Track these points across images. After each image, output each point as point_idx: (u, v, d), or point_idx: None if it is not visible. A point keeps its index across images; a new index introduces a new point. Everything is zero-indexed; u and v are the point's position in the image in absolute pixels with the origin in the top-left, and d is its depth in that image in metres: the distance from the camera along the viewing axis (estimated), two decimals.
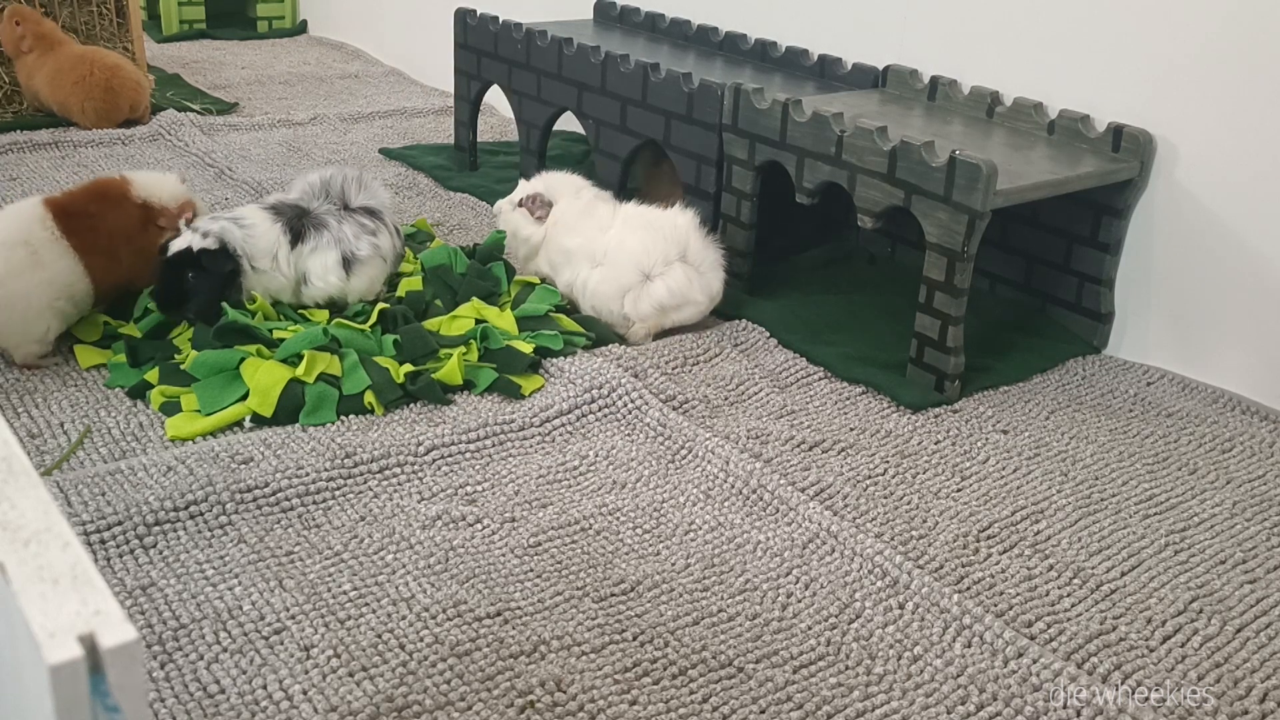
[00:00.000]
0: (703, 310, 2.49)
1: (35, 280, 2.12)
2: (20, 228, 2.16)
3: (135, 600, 1.57)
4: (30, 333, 2.14)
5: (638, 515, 1.85)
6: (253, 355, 2.12)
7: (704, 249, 2.46)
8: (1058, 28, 2.54)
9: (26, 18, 3.74)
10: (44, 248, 2.15)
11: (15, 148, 3.49)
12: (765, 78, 2.97)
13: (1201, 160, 2.34)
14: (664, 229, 2.44)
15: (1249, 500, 1.99)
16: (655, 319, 2.45)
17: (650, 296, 2.42)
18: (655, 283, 2.41)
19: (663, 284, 2.41)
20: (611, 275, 2.44)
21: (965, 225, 2.16)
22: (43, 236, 2.16)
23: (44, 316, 2.15)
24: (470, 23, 3.36)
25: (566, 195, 2.56)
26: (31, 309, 2.12)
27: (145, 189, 2.34)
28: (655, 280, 2.41)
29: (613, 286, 2.43)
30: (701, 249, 2.46)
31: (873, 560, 1.72)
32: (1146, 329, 2.49)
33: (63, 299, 2.18)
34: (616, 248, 2.44)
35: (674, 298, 2.43)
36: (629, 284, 2.42)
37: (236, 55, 5.15)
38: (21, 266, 2.11)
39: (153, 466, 1.85)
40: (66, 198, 2.27)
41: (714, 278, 2.48)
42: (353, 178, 2.44)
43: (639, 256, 2.42)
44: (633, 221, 2.48)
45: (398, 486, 1.88)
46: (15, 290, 2.10)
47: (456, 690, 1.44)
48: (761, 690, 1.48)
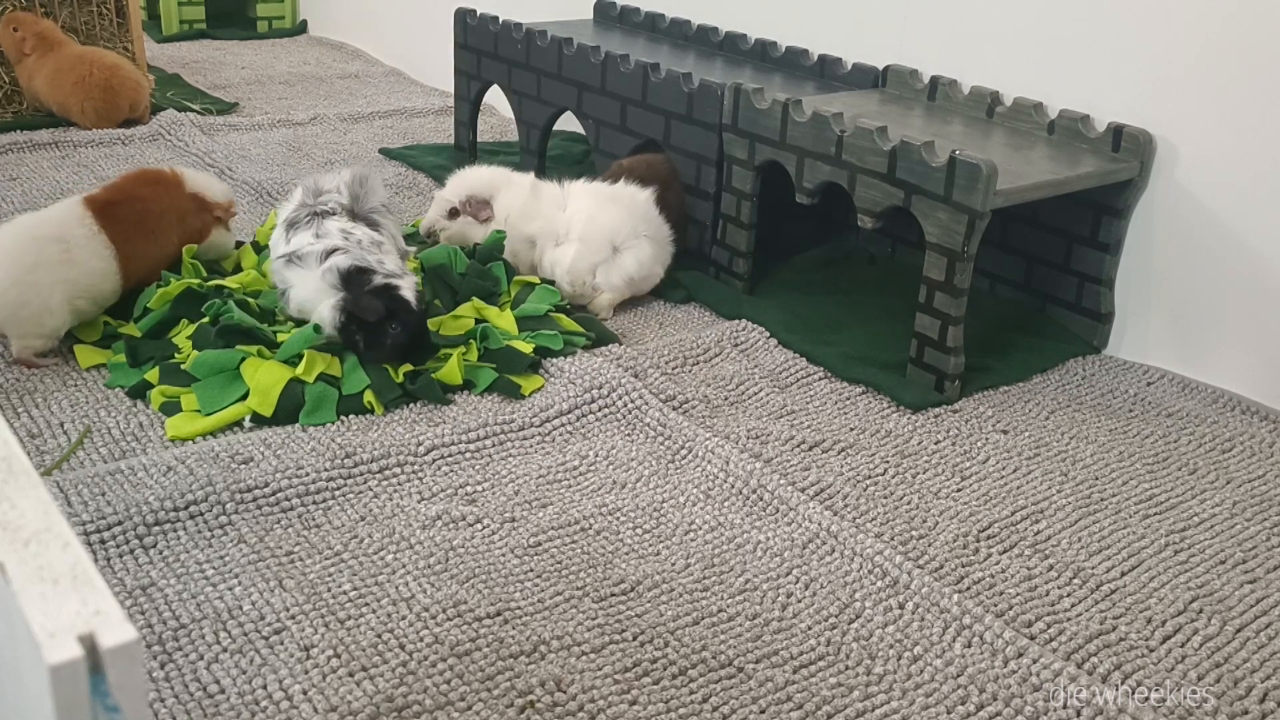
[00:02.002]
0: (657, 281, 2.63)
1: (61, 277, 2.16)
2: (58, 225, 2.22)
3: (135, 600, 1.57)
4: (41, 326, 2.15)
5: (638, 515, 1.85)
6: (253, 355, 2.12)
7: (660, 223, 2.60)
8: (1058, 28, 2.54)
9: (23, 22, 3.74)
10: (79, 245, 2.21)
11: (15, 148, 3.49)
12: (765, 78, 2.97)
13: (1201, 160, 2.34)
14: (628, 203, 2.55)
15: (1249, 500, 1.99)
16: (625, 291, 2.56)
17: (620, 269, 2.52)
18: (625, 255, 2.52)
19: (632, 257, 2.52)
20: (585, 250, 2.51)
21: (965, 225, 2.16)
22: (79, 234, 2.22)
23: (58, 313, 2.16)
24: (470, 23, 3.36)
25: (502, 187, 2.64)
26: (49, 303, 2.15)
27: (196, 183, 2.50)
28: (624, 253, 2.52)
29: (585, 262, 2.51)
30: (659, 223, 2.59)
31: (873, 560, 1.72)
32: (1146, 329, 2.49)
33: (84, 298, 2.21)
34: (587, 222, 2.52)
35: (642, 269, 2.55)
36: (601, 258, 2.52)
37: (236, 55, 5.15)
38: (52, 261, 2.15)
39: (153, 466, 1.85)
40: (109, 189, 2.37)
41: (669, 251, 2.63)
42: (360, 178, 2.45)
43: (610, 231, 2.51)
44: (597, 196, 2.57)
45: (398, 486, 1.88)
46: (39, 281, 2.13)
47: (456, 690, 1.44)
48: (761, 690, 1.48)
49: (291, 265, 2.25)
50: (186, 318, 2.27)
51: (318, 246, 2.22)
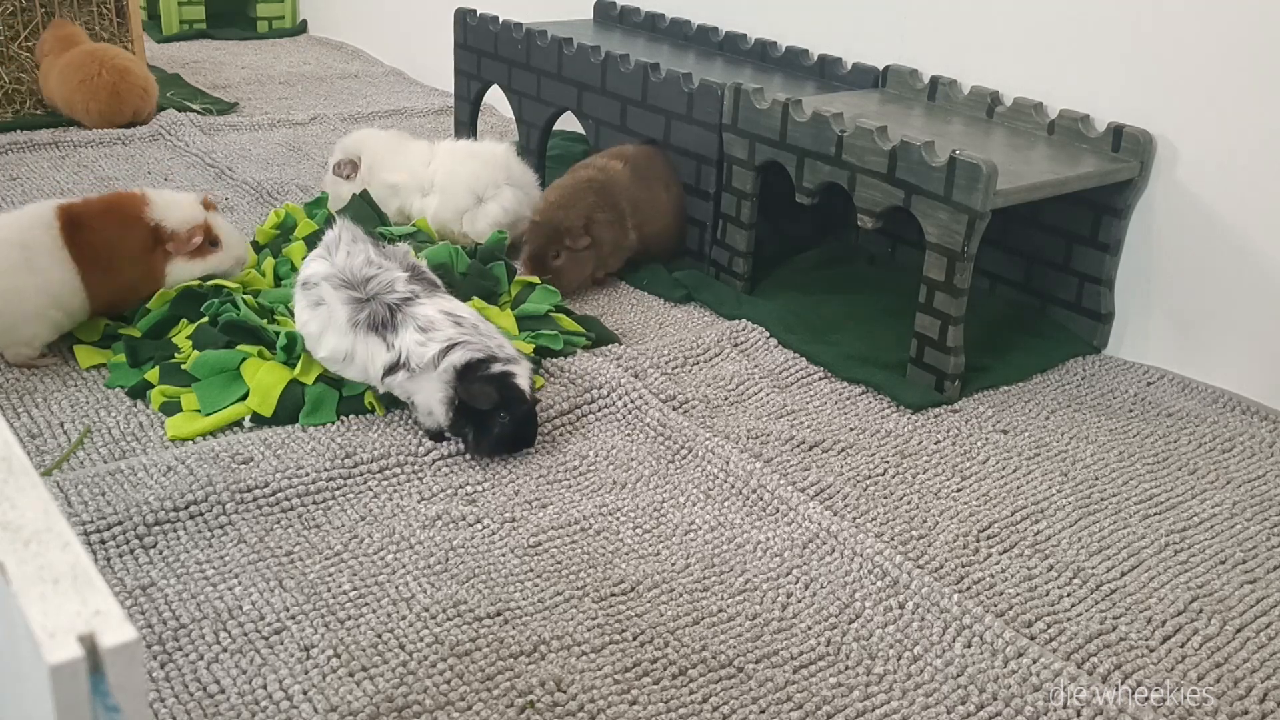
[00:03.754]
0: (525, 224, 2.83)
1: (26, 284, 2.10)
2: (21, 229, 2.14)
3: (135, 600, 1.57)
4: (17, 335, 2.13)
5: (638, 515, 1.85)
6: (253, 356, 2.12)
7: (524, 171, 2.93)
8: (1058, 28, 2.54)
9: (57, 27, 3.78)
10: (40, 253, 2.13)
11: (15, 148, 3.49)
12: (765, 78, 2.97)
13: (1201, 160, 2.34)
14: (486, 157, 2.86)
15: (1249, 500, 1.99)
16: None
17: (486, 216, 2.83)
18: (489, 204, 2.83)
19: (496, 204, 2.83)
20: (448, 201, 2.84)
21: (965, 225, 2.16)
22: (43, 241, 2.14)
23: (32, 322, 2.13)
24: (470, 23, 3.36)
25: (369, 147, 2.93)
26: (20, 311, 2.11)
27: (160, 210, 2.27)
28: (489, 202, 2.83)
29: (450, 211, 2.84)
30: (522, 171, 2.92)
31: (873, 560, 1.72)
32: (1146, 329, 2.49)
33: (55, 308, 2.15)
34: (447, 176, 2.85)
35: (508, 215, 2.84)
36: (465, 206, 2.84)
37: (236, 55, 5.15)
38: (12, 267, 2.09)
39: (153, 466, 1.85)
40: (80, 206, 2.23)
41: (535, 195, 2.89)
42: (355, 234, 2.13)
43: (470, 182, 2.82)
44: (457, 154, 2.89)
45: (398, 486, 1.88)
46: (3, 288, 2.09)
47: (456, 690, 1.44)
48: (761, 690, 1.48)
49: (411, 377, 1.95)
50: (186, 317, 2.27)
51: (430, 349, 1.93)
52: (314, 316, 2.05)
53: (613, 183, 2.71)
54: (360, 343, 1.99)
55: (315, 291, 2.05)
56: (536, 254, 2.63)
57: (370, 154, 2.93)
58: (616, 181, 2.71)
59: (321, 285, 2.04)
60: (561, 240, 2.61)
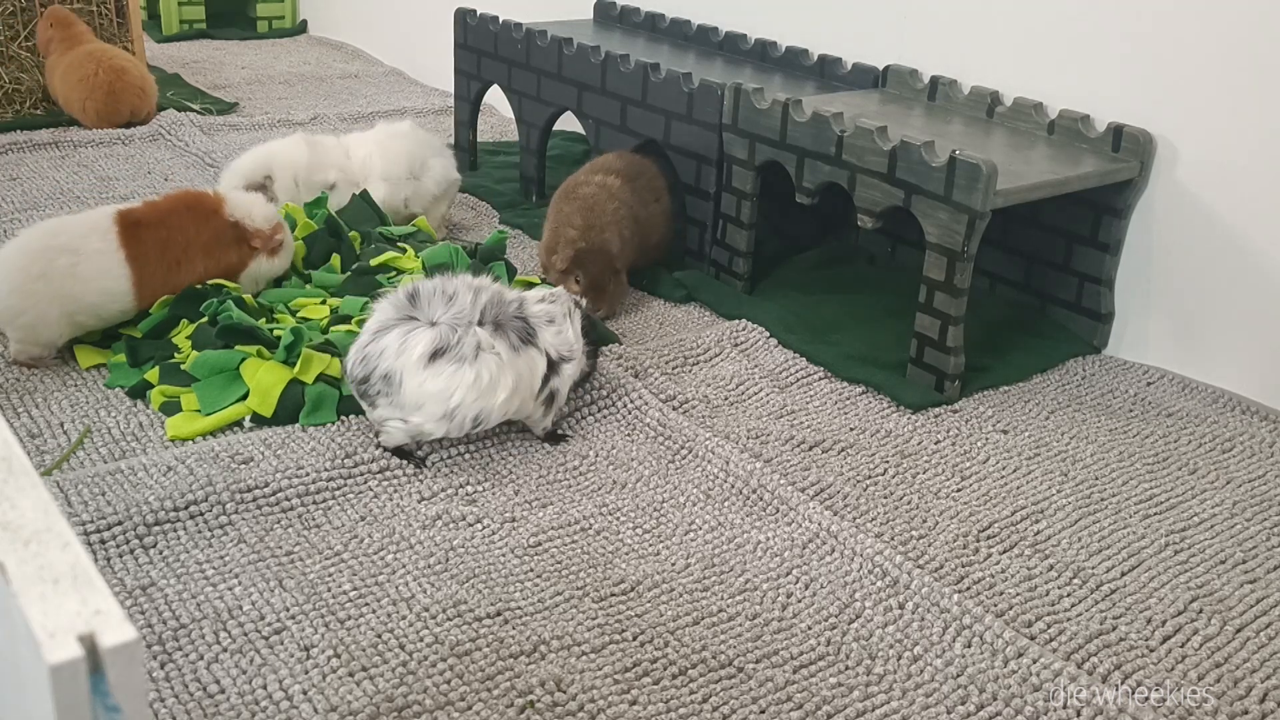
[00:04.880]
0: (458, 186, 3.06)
1: (63, 291, 2.12)
2: (76, 236, 2.16)
3: (135, 600, 1.57)
4: (37, 335, 2.14)
5: (638, 515, 1.85)
6: (253, 356, 2.12)
7: (431, 140, 3.02)
8: (1058, 28, 2.54)
9: (58, 19, 3.76)
10: (89, 259, 2.14)
11: (15, 148, 3.49)
12: (765, 78, 2.97)
13: (1201, 160, 2.34)
14: (404, 138, 2.94)
15: (1249, 500, 1.99)
16: (441, 204, 2.99)
17: (426, 192, 2.94)
18: (424, 180, 2.93)
19: (429, 179, 2.93)
20: (393, 188, 2.89)
21: (965, 225, 2.16)
22: (96, 248, 2.15)
23: (55, 326, 2.14)
24: (470, 23, 3.36)
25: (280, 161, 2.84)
26: (48, 316, 2.12)
27: (239, 208, 2.36)
28: (423, 178, 2.93)
29: (397, 197, 2.91)
30: (430, 141, 3.02)
31: (873, 560, 1.72)
32: (1146, 329, 2.49)
33: (86, 314, 2.17)
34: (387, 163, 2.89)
35: (440, 185, 2.95)
36: (409, 190, 2.92)
37: (236, 55, 5.15)
38: (58, 274, 2.11)
39: (153, 466, 1.85)
40: (144, 208, 2.27)
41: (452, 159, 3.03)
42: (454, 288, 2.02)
43: (405, 163, 2.90)
44: (375, 140, 2.94)
45: (398, 486, 1.88)
46: (40, 292, 2.10)
47: (456, 690, 1.44)
48: (761, 690, 1.48)
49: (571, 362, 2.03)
50: (186, 318, 2.27)
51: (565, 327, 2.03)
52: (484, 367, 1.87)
53: (619, 199, 2.68)
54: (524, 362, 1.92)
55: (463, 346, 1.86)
56: (597, 283, 2.51)
57: (288, 166, 2.81)
58: (620, 197, 2.69)
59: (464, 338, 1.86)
60: (613, 263, 2.55)
